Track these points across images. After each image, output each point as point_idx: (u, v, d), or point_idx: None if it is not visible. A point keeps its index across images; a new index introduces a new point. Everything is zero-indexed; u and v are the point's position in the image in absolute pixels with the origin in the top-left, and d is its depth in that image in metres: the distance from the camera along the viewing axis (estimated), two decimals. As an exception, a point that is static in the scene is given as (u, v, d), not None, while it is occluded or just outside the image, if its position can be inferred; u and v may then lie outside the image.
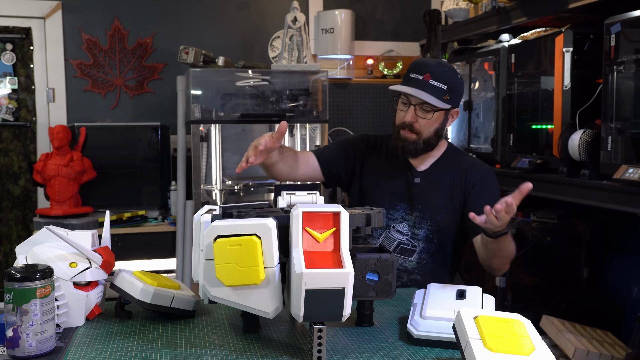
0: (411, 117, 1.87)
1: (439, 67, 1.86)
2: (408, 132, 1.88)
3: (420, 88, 1.82)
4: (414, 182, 1.95)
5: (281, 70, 3.69)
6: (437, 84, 1.83)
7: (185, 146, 3.64)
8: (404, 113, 1.88)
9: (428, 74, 1.83)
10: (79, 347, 1.32)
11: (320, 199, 1.58)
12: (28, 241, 1.49)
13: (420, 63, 1.89)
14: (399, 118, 1.91)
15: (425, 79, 1.83)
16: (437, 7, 4.24)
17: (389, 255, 1.35)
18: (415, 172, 1.97)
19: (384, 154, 2.02)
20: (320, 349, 1.22)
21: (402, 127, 1.89)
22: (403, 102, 1.89)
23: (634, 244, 2.72)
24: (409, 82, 1.85)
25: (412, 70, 1.87)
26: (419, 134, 1.88)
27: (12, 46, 3.93)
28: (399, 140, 1.90)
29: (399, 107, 1.91)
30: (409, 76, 1.86)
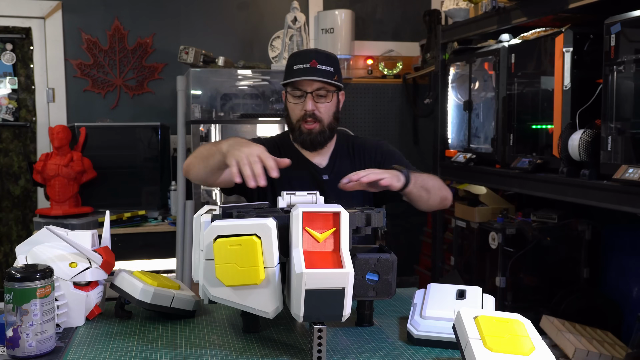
0: (311, 105, 1.85)
1: (320, 53, 1.88)
2: (311, 123, 1.87)
3: (311, 74, 1.83)
4: (323, 180, 1.94)
5: (281, 70, 3.68)
6: (325, 68, 1.84)
7: (185, 146, 3.64)
8: (300, 105, 1.87)
9: (314, 60, 1.84)
10: (79, 347, 1.32)
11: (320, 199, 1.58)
12: (28, 241, 1.49)
13: (300, 54, 1.90)
14: (296, 111, 1.88)
15: (313, 65, 1.83)
16: (437, 7, 4.25)
17: (389, 255, 1.35)
18: (320, 170, 1.96)
19: (285, 156, 1.93)
20: (320, 349, 1.22)
21: (302, 120, 1.87)
22: (296, 95, 1.87)
23: (634, 244, 2.72)
24: (296, 74, 1.84)
25: (294, 62, 1.87)
26: (321, 121, 1.88)
27: (12, 46, 3.93)
28: (304, 135, 1.88)
29: (292, 100, 1.88)
30: (294, 68, 1.85)
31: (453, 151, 3.24)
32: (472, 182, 3.17)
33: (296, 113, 1.89)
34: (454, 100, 3.32)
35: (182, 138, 3.63)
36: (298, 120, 1.89)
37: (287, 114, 1.94)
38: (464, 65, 3.19)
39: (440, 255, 3.44)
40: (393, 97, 4.35)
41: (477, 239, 3.00)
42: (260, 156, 1.46)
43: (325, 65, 1.85)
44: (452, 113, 3.32)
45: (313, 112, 1.86)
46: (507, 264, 2.75)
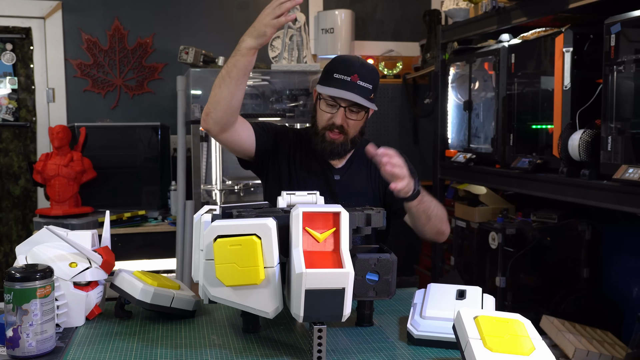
0: (341, 119, 1.84)
1: (364, 67, 1.84)
2: (336, 134, 1.86)
3: (350, 90, 1.80)
4: (334, 180, 1.94)
5: (281, 70, 3.69)
6: (364, 85, 1.81)
7: (185, 146, 3.64)
8: (330, 115, 1.85)
9: (355, 74, 1.81)
10: (79, 347, 1.32)
11: (320, 199, 1.59)
12: (28, 241, 1.49)
13: (344, 63, 1.86)
14: (324, 119, 1.86)
15: (353, 80, 1.80)
16: (437, 7, 4.25)
17: (389, 255, 1.35)
18: (334, 170, 1.95)
19: (304, 150, 1.97)
20: (320, 349, 1.22)
21: (329, 129, 1.86)
22: (329, 103, 1.85)
23: (634, 244, 2.72)
24: (335, 84, 1.81)
25: (335, 70, 1.83)
26: (346, 134, 1.87)
27: (12, 46, 3.93)
28: (327, 143, 1.87)
29: (324, 108, 1.86)
30: (334, 77, 1.82)
31: (453, 151, 3.24)
32: (472, 182, 3.17)
33: (324, 120, 1.87)
34: (454, 100, 3.32)
35: (182, 138, 3.63)
36: (324, 127, 1.87)
37: (314, 115, 1.92)
38: (464, 65, 3.19)
39: (440, 255, 3.44)
40: (393, 97, 4.35)
41: (477, 239, 3.00)
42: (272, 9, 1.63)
43: (366, 82, 1.81)
44: (452, 113, 3.32)
45: (341, 125, 1.85)
46: (507, 264, 2.75)
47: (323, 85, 1.85)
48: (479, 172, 2.93)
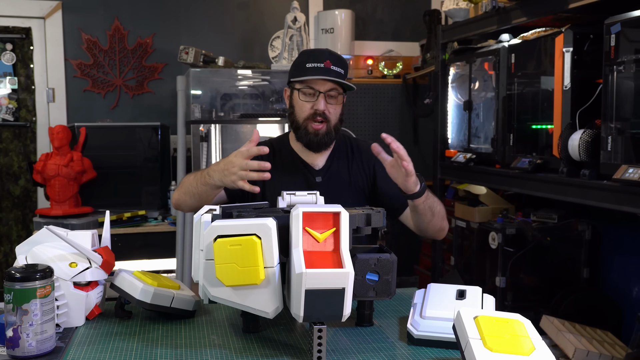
0: (323, 104, 1.84)
1: (333, 54, 1.87)
2: (319, 122, 1.85)
3: (325, 74, 1.81)
4: (316, 182, 1.92)
5: (281, 70, 3.69)
6: (337, 69, 1.84)
7: (185, 146, 3.64)
8: (311, 103, 1.85)
9: (328, 60, 1.82)
10: (79, 347, 1.32)
11: (320, 199, 1.59)
12: (28, 241, 1.49)
13: (314, 52, 1.88)
14: (305, 110, 1.86)
15: (327, 66, 1.82)
16: (437, 7, 4.25)
17: (389, 255, 1.35)
18: (314, 172, 1.94)
19: (280, 158, 1.95)
20: (320, 349, 1.22)
21: (311, 119, 1.85)
22: (308, 93, 1.85)
23: (634, 244, 2.72)
24: (310, 72, 1.82)
25: (307, 60, 1.84)
26: (329, 122, 1.86)
27: (12, 46, 3.93)
28: (311, 135, 1.86)
29: (303, 98, 1.85)
30: (307, 67, 1.83)
31: (453, 151, 3.24)
32: (472, 182, 3.17)
33: (305, 111, 1.87)
34: (454, 100, 3.32)
35: (182, 138, 3.63)
36: (306, 118, 1.87)
37: (293, 111, 1.91)
38: (464, 65, 3.18)
39: (440, 255, 3.44)
40: (393, 97, 4.35)
41: (477, 239, 3.00)
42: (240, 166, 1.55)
43: (338, 67, 1.84)
44: (452, 113, 3.32)
45: (323, 112, 1.85)
46: (507, 264, 2.75)
47: (298, 77, 1.85)
48: (479, 172, 2.93)
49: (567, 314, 2.62)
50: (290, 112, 1.93)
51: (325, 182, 1.93)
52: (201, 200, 1.79)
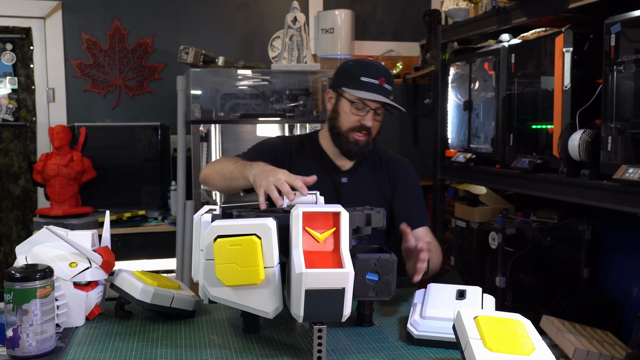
0: (371, 121, 1.88)
1: (387, 71, 1.90)
2: (363, 135, 1.89)
3: (380, 93, 1.85)
4: (342, 182, 1.96)
5: (281, 70, 3.69)
6: (388, 87, 1.88)
7: (185, 146, 3.64)
8: (358, 117, 1.88)
9: (383, 78, 1.85)
10: (79, 347, 1.32)
11: (321, 199, 1.59)
12: (28, 241, 1.49)
13: (370, 66, 1.89)
14: (351, 121, 1.89)
15: (381, 83, 1.85)
16: (437, 7, 4.24)
17: (389, 255, 1.35)
18: (340, 172, 1.98)
19: (307, 156, 1.99)
20: (320, 349, 1.22)
21: (356, 131, 1.89)
22: (358, 106, 1.87)
23: (634, 244, 2.72)
24: (365, 87, 1.84)
25: (363, 73, 1.86)
26: (370, 135, 1.91)
27: (12, 46, 3.93)
28: (352, 144, 1.90)
29: (353, 111, 1.88)
30: (362, 80, 1.85)
31: (453, 151, 3.24)
32: (472, 182, 3.17)
33: (350, 122, 1.90)
34: (454, 100, 3.32)
35: (182, 138, 3.63)
36: (350, 129, 1.90)
37: (336, 117, 1.93)
38: (464, 65, 3.18)
39: (440, 255, 3.43)
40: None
41: (477, 239, 3.00)
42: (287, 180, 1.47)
43: (389, 85, 1.88)
44: (452, 113, 3.32)
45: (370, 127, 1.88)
46: (507, 264, 2.75)
47: (351, 88, 1.86)
48: (479, 172, 2.93)
49: (567, 314, 2.62)
50: (333, 117, 1.95)
51: (351, 183, 1.96)
52: (229, 186, 1.79)
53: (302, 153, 1.99)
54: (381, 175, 1.99)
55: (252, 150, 2.00)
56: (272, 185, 1.47)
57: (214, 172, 1.85)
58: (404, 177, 2.00)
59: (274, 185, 1.47)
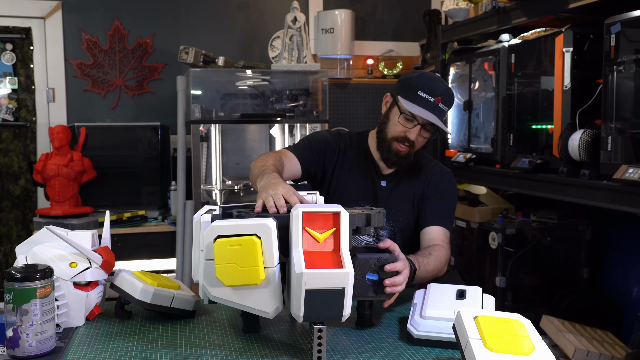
0: (415, 136, 1.88)
1: (447, 91, 1.88)
2: (405, 147, 1.89)
3: (432, 111, 1.84)
4: (381, 185, 1.97)
5: (281, 70, 3.69)
6: (443, 107, 1.86)
7: (185, 146, 3.64)
8: (405, 129, 1.88)
9: (439, 97, 1.84)
10: (79, 347, 1.32)
11: (320, 199, 1.59)
12: (28, 241, 1.49)
13: (430, 83, 1.88)
14: (397, 131, 1.90)
15: (436, 102, 1.85)
16: (437, 7, 4.24)
17: (389, 255, 1.35)
18: (381, 175, 1.98)
19: (353, 155, 2.01)
20: (320, 349, 1.22)
21: (398, 141, 1.89)
22: (407, 118, 1.87)
23: (634, 244, 2.72)
24: (419, 102, 1.84)
25: (421, 88, 1.85)
26: (412, 148, 1.90)
27: (12, 46, 3.93)
28: (392, 153, 1.91)
29: (401, 121, 1.88)
30: (418, 94, 1.85)
31: (453, 151, 3.24)
32: (472, 182, 3.17)
33: (396, 131, 1.90)
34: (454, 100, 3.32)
35: (182, 138, 3.63)
36: (395, 138, 1.90)
37: (386, 122, 1.94)
38: (464, 65, 3.19)
39: (440, 255, 3.43)
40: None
41: (477, 239, 3.00)
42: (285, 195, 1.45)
43: (445, 105, 1.87)
44: (452, 113, 3.32)
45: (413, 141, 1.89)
46: (507, 264, 2.75)
47: (406, 99, 1.86)
48: (479, 172, 2.93)
49: (567, 314, 2.62)
50: (383, 122, 1.96)
51: (390, 188, 1.96)
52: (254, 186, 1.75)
53: (349, 152, 2.01)
54: (418, 182, 1.99)
55: (302, 143, 2.02)
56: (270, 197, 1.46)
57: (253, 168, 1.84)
58: (438, 181, 1.99)
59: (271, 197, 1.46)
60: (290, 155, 1.93)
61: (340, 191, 1.96)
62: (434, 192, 1.96)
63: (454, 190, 2.02)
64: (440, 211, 1.94)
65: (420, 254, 1.76)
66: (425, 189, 1.98)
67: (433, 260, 1.76)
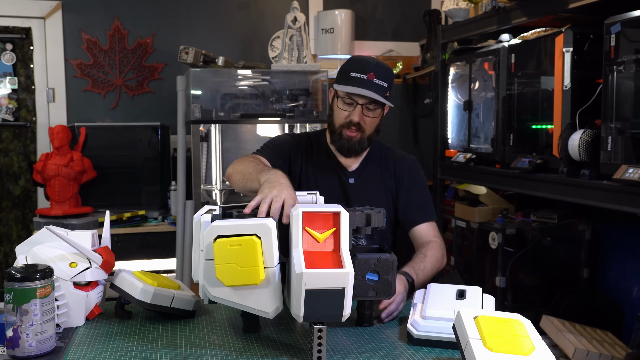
0: (358, 116, 1.87)
1: (379, 66, 1.87)
2: (354, 131, 1.88)
3: (366, 87, 1.83)
4: (349, 183, 1.97)
5: (281, 70, 3.69)
6: (380, 83, 1.85)
7: (185, 146, 3.64)
8: (347, 112, 1.88)
9: (372, 72, 1.83)
10: (79, 347, 1.32)
11: (320, 199, 1.58)
12: (28, 241, 1.49)
13: (360, 62, 1.88)
14: (341, 117, 1.89)
15: (370, 78, 1.84)
16: (437, 7, 4.24)
17: (389, 255, 1.35)
18: (347, 173, 1.98)
19: (316, 155, 2.00)
20: (320, 349, 1.22)
21: (346, 127, 1.89)
22: (346, 102, 1.87)
23: (634, 244, 2.72)
24: (352, 82, 1.84)
25: (352, 69, 1.86)
26: (363, 132, 1.90)
27: (12, 46, 3.93)
28: (344, 141, 1.90)
29: (341, 106, 1.88)
30: (350, 75, 1.84)
31: (453, 151, 3.24)
32: (472, 182, 3.17)
33: (341, 118, 1.90)
34: (454, 100, 3.32)
35: (182, 138, 3.63)
36: (341, 125, 1.90)
37: (331, 114, 1.95)
38: (464, 65, 3.18)
39: (440, 255, 3.43)
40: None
41: (477, 239, 3.00)
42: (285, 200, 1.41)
43: (382, 80, 1.85)
44: (452, 113, 3.32)
45: (358, 122, 1.88)
46: (507, 264, 2.75)
47: (340, 84, 1.87)
48: (479, 172, 2.93)
49: (567, 314, 2.62)
50: (329, 115, 1.96)
51: (359, 184, 1.96)
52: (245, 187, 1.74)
53: (311, 153, 2.00)
54: (387, 174, 1.99)
55: (268, 148, 1.99)
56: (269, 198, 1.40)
57: (235, 171, 1.83)
58: (408, 173, 2.00)
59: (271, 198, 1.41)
60: (262, 159, 1.90)
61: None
62: (408, 185, 1.97)
63: (424, 177, 2.05)
64: (421, 206, 1.96)
65: (416, 259, 1.76)
66: (397, 182, 1.98)
67: (430, 261, 1.77)
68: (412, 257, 1.84)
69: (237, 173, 1.81)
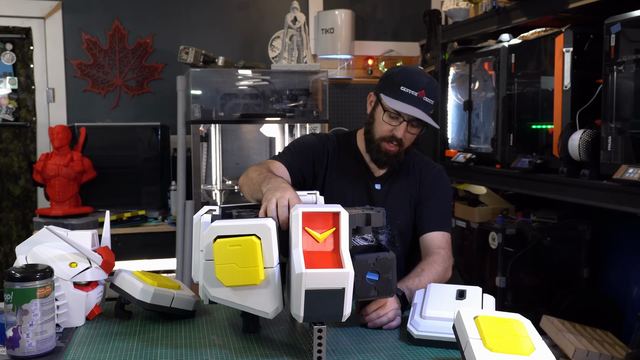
0: (403, 133, 1.83)
1: (431, 83, 1.83)
2: (394, 145, 1.85)
3: (416, 105, 1.79)
4: (374, 189, 1.93)
5: (281, 70, 3.69)
6: (428, 101, 1.81)
7: (185, 146, 3.64)
8: (391, 127, 1.83)
9: (423, 90, 1.79)
10: (79, 347, 1.32)
11: (320, 198, 1.58)
12: (28, 241, 1.49)
13: (412, 77, 1.82)
14: (384, 130, 1.85)
15: (420, 96, 1.80)
16: (437, 7, 4.24)
17: (388, 253, 1.35)
18: (374, 178, 1.95)
19: (343, 158, 1.96)
20: (320, 349, 1.22)
21: (387, 141, 1.85)
22: (392, 116, 1.83)
23: (634, 244, 2.72)
24: (402, 97, 1.80)
25: (403, 83, 1.81)
26: (402, 146, 1.86)
27: (12, 46, 3.93)
28: (382, 154, 1.87)
29: (387, 120, 1.84)
30: (400, 90, 1.80)
31: (453, 151, 3.24)
32: (472, 182, 3.17)
33: (383, 131, 1.85)
34: (454, 100, 3.32)
35: (182, 138, 3.63)
36: (382, 138, 1.86)
37: (372, 122, 1.89)
38: (464, 65, 3.19)
39: (440, 255, 3.43)
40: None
41: (477, 239, 3.00)
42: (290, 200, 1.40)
43: (430, 98, 1.81)
44: (452, 113, 3.33)
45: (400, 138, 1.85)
46: (507, 264, 2.75)
47: (389, 97, 1.82)
48: (479, 172, 2.93)
49: (567, 314, 2.62)
50: (369, 122, 1.91)
51: (385, 190, 1.93)
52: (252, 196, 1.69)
53: (339, 155, 1.96)
54: (412, 181, 1.95)
55: (289, 151, 1.95)
56: (275, 200, 1.40)
57: (244, 183, 1.78)
58: (432, 182, 1.95)
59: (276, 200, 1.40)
60: (277, 165, 1.86)
61: (335, 197, 1.89)
62: (429, 193, 1.94)
63: (447, 188, 2.00)
64: (437, 214, 1.91)
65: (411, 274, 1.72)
66: (420, 190, 1.95)
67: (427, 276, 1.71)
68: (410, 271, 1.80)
69: (245, 185, 1.78)
